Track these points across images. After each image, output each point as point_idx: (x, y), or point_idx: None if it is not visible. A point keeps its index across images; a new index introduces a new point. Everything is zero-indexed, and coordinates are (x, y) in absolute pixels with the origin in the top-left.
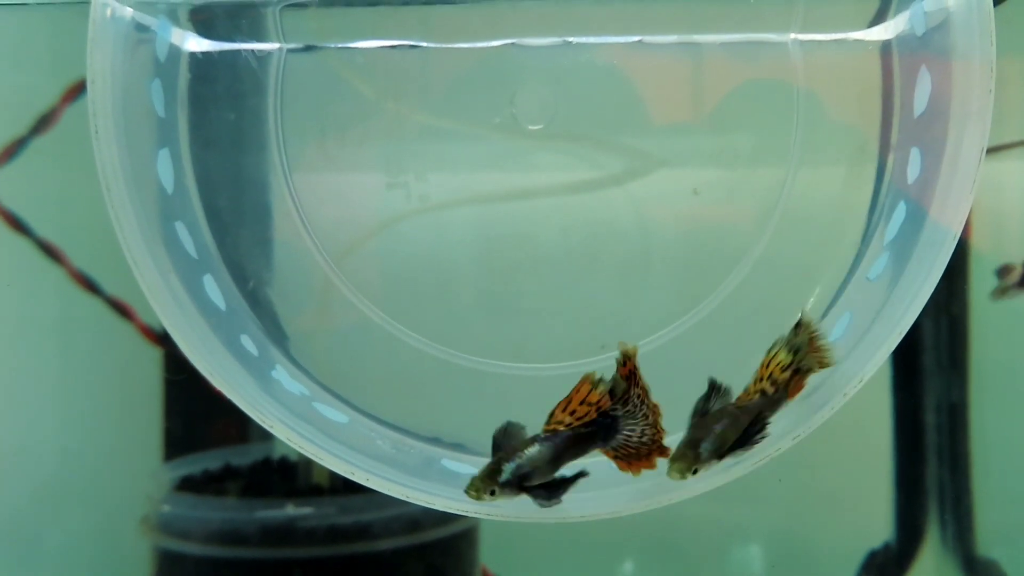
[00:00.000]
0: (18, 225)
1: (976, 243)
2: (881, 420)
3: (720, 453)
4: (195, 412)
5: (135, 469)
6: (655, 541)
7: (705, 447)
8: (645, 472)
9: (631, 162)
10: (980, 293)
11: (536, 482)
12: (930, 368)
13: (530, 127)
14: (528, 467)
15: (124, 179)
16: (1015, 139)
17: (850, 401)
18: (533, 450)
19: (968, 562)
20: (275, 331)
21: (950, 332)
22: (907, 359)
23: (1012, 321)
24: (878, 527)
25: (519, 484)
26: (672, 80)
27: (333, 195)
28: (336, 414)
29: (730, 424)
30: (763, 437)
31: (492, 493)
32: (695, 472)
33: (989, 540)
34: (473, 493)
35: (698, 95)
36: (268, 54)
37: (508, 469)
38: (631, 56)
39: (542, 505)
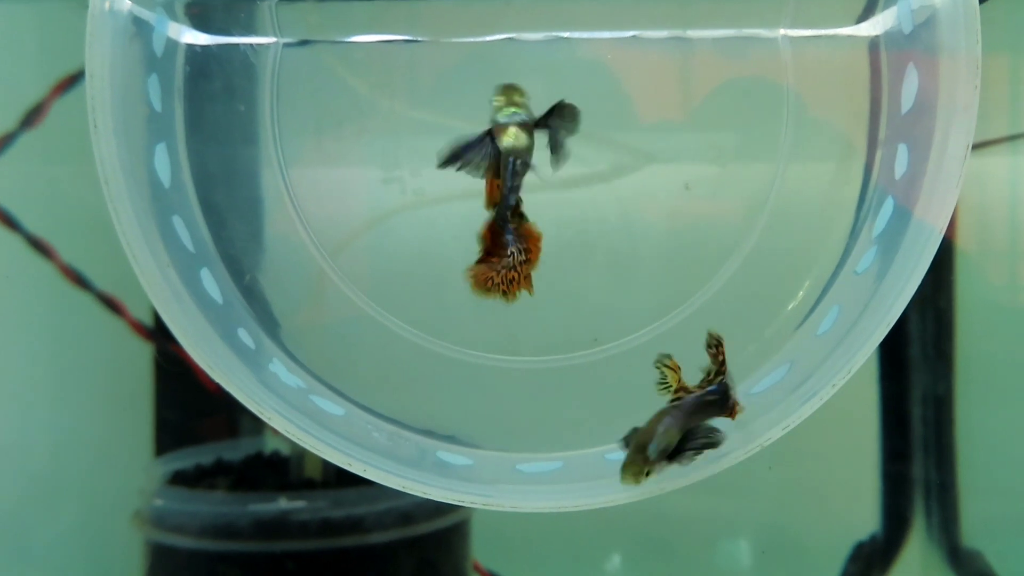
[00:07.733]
0: (8, 220)
1: (961, 237)
2: (867, 412)
3: (668, 454)
4: (187, 407)
5: (127, 463)
6: (643, 534)
7: (652, 449)
8: None
9: (622, 158)
10: (965, 287)
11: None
12: (916, 361)
13: None
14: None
15: (122, 173)
16: (999, 135)
17: (837, 394)
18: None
19: (953, 553)
20: (271, 325)
21: (936, 325)
22: (893, 352)
23: (997, 314)
24: (865, 519)
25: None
26: (663, 76)
27: (329, 190)
28: (332, 407)
29: (672, 424)
30: (712, 443)
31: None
32: (648, 475)
33: (974, 531)
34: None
35: (688, 92)
36: (264, 48)
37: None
38: (623, 52)
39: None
